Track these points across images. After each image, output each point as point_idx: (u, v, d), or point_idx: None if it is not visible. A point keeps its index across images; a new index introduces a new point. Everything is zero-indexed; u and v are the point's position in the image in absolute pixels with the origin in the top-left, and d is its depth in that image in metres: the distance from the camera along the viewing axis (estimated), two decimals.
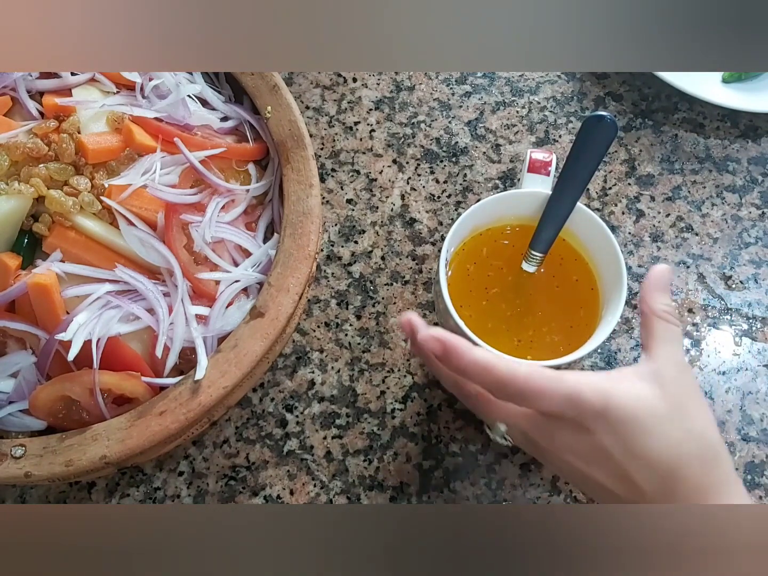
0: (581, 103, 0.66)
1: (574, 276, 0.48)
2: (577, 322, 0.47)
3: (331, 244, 0.59)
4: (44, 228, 0.45)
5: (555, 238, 0.47)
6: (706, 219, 0.61)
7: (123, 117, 0.48)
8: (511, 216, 0.49)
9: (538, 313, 0.48)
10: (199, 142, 0.49)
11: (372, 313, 0.56)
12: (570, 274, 0.48)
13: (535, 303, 0.48)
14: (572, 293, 0.48)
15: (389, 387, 0.54)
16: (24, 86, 0.49)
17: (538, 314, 0.47)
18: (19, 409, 0.44)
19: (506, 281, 0.49)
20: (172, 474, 0.51)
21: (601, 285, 0.47)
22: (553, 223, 0.47)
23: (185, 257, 0.46)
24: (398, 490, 0.51)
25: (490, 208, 0.48)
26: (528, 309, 0.48)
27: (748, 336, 0.56)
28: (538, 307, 0.48)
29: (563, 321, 0.47)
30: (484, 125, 0.65)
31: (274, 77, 0.53)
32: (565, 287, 0.48)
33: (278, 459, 0.52)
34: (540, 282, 0.48)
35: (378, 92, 0.66)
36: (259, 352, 0.44)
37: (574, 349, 0.44)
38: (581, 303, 0.47)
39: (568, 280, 0.48)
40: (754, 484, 0.51)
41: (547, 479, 0.51)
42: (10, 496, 0.51)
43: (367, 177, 0.62)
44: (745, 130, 0.65)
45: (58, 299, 0.43)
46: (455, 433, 0.52)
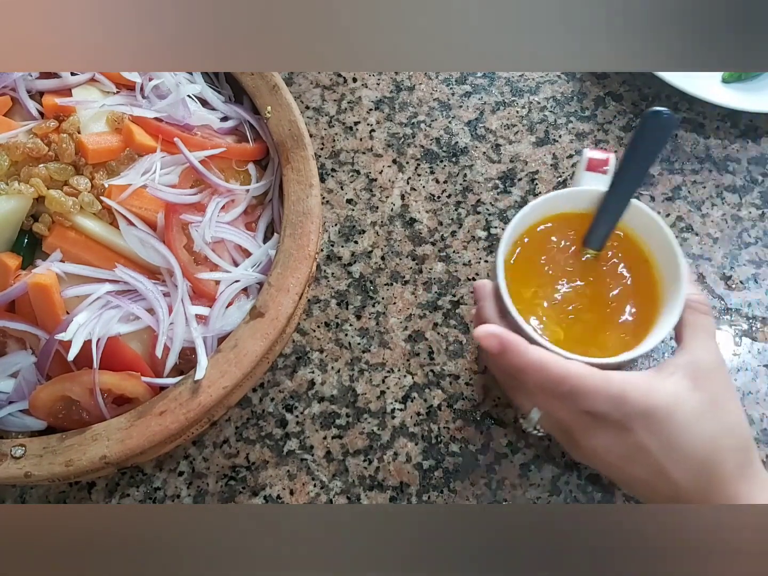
0: (581, 103, 0.66)
1: (634, 273, 0.48)
2: (636, 321, 0.46)
3: (331, 244, 0.59)
4: (44, 228, 0.45)
5: (609, 236, 0.46)
6: (706, 219, 0.61)
7: (123, 117, 0.48)
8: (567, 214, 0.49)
9: (597, 308, 0.47)
10: (199, 142, 0.49)
11: (372, 313, 0.56)
12: (630, 271, 0.48)
13: (594, 299, 0.48)
14: (632, 290, 0.47)
15: (389, 387, 0.54)
16: (24, 86, 0.49)
17: (596, 310, 0.47)
18: (19, 409, 0.44)
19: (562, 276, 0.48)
20: (172, 474, 0.51)
21: (661, 283, 0.47)
22: (608, 219, 0.46)
23: (185, 257, 0.46)
24: (398, 490, 0.51)
25: (546, 206, 0.47)
26: (586, 305, 0.47)
27: (748, 336, 0.56)
28: (597, 303, 0.47)
29: (621, 318, 0.47)
30: (484, 125, 0.65)
31: (274, 77, 0.53)
32: (626, 283, 0.48)
33: (278, 459, 0.52)
34: (600, 277, 0.48)
35: (378, 92, 0.66)
36: (259, 352, 0.44)
37: (632, 346, 0.44)
38: (640, 301, 0.47)
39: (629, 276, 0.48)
40: None
41: (547, 479, 0.51)
42: (10, 496, 0.51)
43: (367, 177, 0.62)
44: (745, 130, 0.65)
45: (58, 299, 0.43)
46: (455, 433, 0.53)
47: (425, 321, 0.56)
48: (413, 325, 0.56)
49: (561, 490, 0.51)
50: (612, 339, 0.46)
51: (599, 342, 0.46)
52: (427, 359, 0.55)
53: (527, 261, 0.48)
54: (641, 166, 0.45)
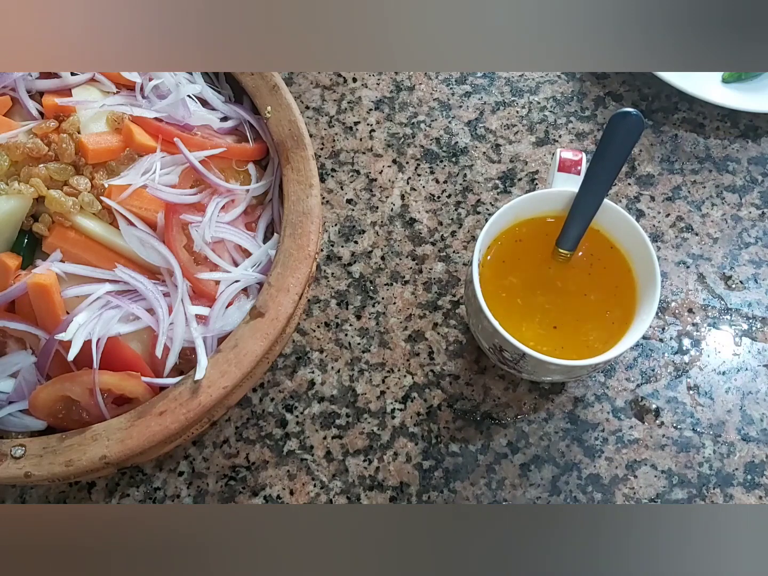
0: (581, 103, 0.66)
1: (609, 273, 0.48)
2: (612, 320, 0.47)
3: (331, 244, 0.59)
4: (44, 228, 0.45)
5: (582, 236, 0.47)
6: (706, 219, 0.61)
7: (123, 117, 0.48)
8: (541, 215, 0.49)
9: (572, 309, 0.48)
10: (199, 142, 0.49)
11: (372, 313, 0.56)
12: (605, 271, 0.48)
13: (569, 300, 0.48)
14: (607, 290, 0.48)
15: (389, 387, 0.54)
16: (24, 86, 0.49)
17: (571, 311, 0.48)
18: (19, 409, 0.44)
19: (538, 279, 0.49)
20: (172, 474, 0.51)
21: (637, 282, 0.47)
22: (580, 220, 0.47)
23: (185, 257, 0.46)
24: (398, 490, 0.51)
25: (519, 209, 0.48)
26: (562, 307, 0.48)
27: (748, 336, 0.56)
28: (573, 304, 0.48)
29: (597, 318, 0.47)
30: (484, 125, 0.65)
31: (274, 77, 0.52)
32: (601, 283, 0.48)
33: (278, 459, 0.52)
34: (574, 278, 0.48)
35: (378, 92, 0.66)
36: (259, 352, 0.44)
37: (611, 345, 0.44)
38: (616, 301, 0.47)
39: (604, 276, 0.48)
40: (754, 484, 0.51)
41: (547, 479, 0.51)
42: (10, 496, 0.51)
43: (367, 177, 0.62)
44: (745, 130, 0.65)
45: (58, 299, 0.43)
46: (455, 433, 0.53)
47: (425, 321, 0.56)
48: (413, 325, 0.56)
49: (561, 490, 0.51)
50: (589, 339, 0.47)
51: (575, 342, 0.47)
52: (427, 359, 0.55)
53: (501, 263, 0.48)
54: (611, 167, 0.46)
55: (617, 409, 0.53)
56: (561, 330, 0.47)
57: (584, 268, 0.49)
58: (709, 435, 0.53)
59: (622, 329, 0.46)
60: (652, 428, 0.53)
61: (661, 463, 0.52)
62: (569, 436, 0.52)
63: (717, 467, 0.52)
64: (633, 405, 0.54)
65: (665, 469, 0.52)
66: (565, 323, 0.47)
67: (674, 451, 0.52)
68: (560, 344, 0.46)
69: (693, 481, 0.51)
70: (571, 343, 0.46)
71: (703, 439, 0.52)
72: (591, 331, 0.47)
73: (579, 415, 0.53)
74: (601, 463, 0.52)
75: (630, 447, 0.52)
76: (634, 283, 0.47)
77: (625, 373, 0.55)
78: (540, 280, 0.49)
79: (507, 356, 0.46)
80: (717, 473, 0.51)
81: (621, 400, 0.54)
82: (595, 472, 0.51)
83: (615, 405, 0.53)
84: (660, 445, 0.52)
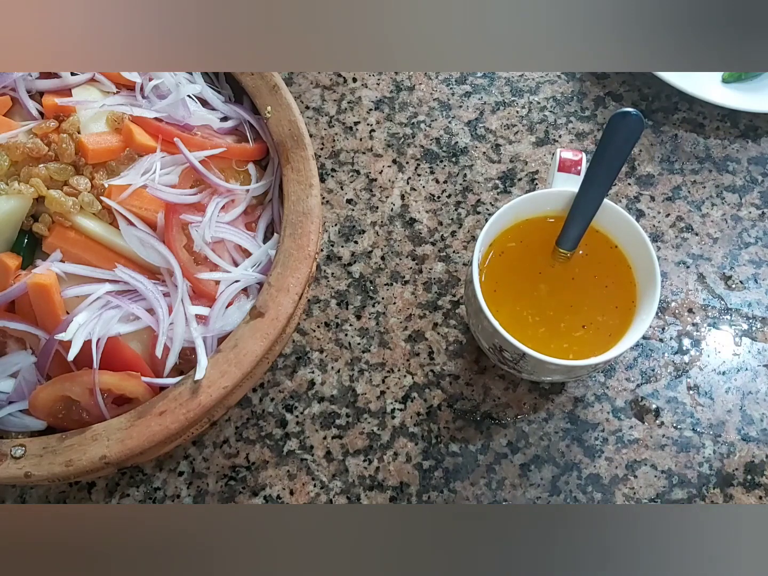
0: (581, 103, 0.66)
1: (609, 273, 0.48)
2: (612, 320, 0.47)
3: (331, 244, 0.59)
4: (44, 228, 0.45)
5: (582, 236, 0.47)
6: (706, 219, 0.61)
7: (123, 117, 0.48)
8: (541, 215, 0.49)
9: (572, 309, 0.48)
10: (199, 142, 0.49)
11: (372, 313, 0.57)
12: (605, 271, 0.48)
13: (568, 300, 0.48)
14: (607, 290, 0.48)
15: (389, 387, 0.54)
16: (24, 86, 0.49)
17: (571, 311, 0.48)
18: (19, 409, 0.44)
19: (538, 279, 0.49)
20: (172, 474, 0.51)
21: (637, 282, 0.47)
22: (581, 220, 0.47)
23: (185, 257, 0.46)
24: (398, 490, 0.51)
25: (519, 209, 0.48)
26: (562, 307, 0.48)
27: (748, 336, 0.56)
28: (573, 304, 0.48)
29: (597, 318, 0.47)
30: (484, 125, 0.65)
31: (274, 77, 0.52)
32: (602, 282, 0.48)
33: (278, 459, 0.52)
34: (574, 278, 0.48)
35: (378, 92, 0.66)
36: (259, 352, 0.44)
37: (611, 345, 0.45)
38: (616, 301, 0.47)
39: (604, 276, 0.48)
40: (754, 484, 0.51)
41: (547, 479, 0.51)
42: (10, 496, 0.51)
43: (367, 177, 0.62)
44: (745, 130, 0.65)
45: (58, 299, 0.43)
46: (455, 433, 0.53)
47: (425, 321, 0.56)
48: (413, 325, 0.56)
49: (561, 490, 0.51)
50: (589, 339, 0.47)
51: (575, 342, 0.47)
52: (427, 359, 0.55)
53: (501, 263, 0.48)
54: (611, 167, 0.46)
55: (617, 409, 0.53)
56: (561, 330, 0.47)
57: (584, 268, 0.49)
58: (709, 435, 0.53)
59: (622, 329, 0.46)
60: (652, 428, 0.53)
61: (661, 463, 0.52)
62: (569, 436, 0.52)
63: (717, 467, 0.52)
64: (633, 405, 0.54)
65: (665, 469, 0.52)
66: (565, 323, 0.47)
67: (674, 451, 0.52)
68: (560, 344, 0.46)
69: (693, 481, 0.51)
70: (571, 343, 0.46)
71: (703, 439, 0.52)
72: (591, 330, 0.47)
73: (579, 415, 0.53)
74: (601, 463, 0.52)
75: (630, 447, 0.52)
76: (634, 283, 0.47)
77: (625, 373, 0.55)
78: (540, 280, 0.49)
79: (507, 356, 0.46)
80: (717, 473, 0.51)
81: (621, 400, 0.54)
82: (595, 472, 0.51)
83: (615, 405, 0.53)
84: (660, 445, 0.52)
